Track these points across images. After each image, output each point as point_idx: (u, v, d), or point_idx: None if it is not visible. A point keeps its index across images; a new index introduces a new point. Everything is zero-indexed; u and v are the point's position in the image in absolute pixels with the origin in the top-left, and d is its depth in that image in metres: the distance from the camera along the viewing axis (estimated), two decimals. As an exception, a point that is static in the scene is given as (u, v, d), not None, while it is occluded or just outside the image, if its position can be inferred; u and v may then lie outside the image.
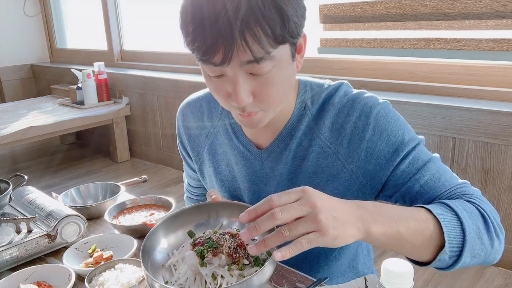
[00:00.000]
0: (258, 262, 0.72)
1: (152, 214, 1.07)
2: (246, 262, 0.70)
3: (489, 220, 0.71)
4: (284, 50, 0.70)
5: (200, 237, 0.73)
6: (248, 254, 0.71)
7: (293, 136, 0.85)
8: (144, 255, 0.72)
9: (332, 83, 0.87)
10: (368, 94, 0.84)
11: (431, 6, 2.01)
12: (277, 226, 0.61)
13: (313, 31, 2.40)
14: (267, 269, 0.64)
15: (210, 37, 0.65)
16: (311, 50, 2.46)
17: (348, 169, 0.82)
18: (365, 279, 0.79)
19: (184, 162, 1.09)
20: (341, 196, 0.78)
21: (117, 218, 1.06)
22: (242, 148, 0.91)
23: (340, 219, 0.60)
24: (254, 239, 0.72)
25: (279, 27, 0.66)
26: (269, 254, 0.73)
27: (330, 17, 2.35)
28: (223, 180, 0.96)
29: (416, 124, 2.01)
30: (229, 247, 0.69)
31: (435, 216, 0.68)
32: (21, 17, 4.21)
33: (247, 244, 0.72)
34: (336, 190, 0.84)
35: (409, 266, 0.58)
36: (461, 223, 0.68)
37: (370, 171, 0.81)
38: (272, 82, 0.71)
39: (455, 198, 0.76)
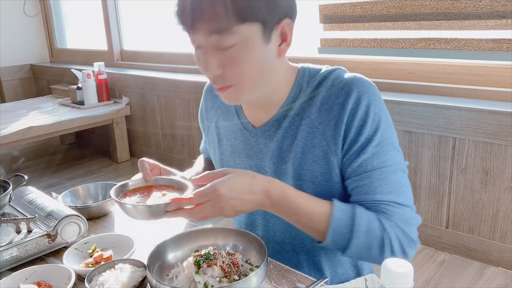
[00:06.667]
0: None
1: (164, 194, 0.90)
2: (236, 278, 0.76)
3: (387, 244, 0.80)
4: (253, 29, 0.76)
5: (204, 253, 0.80)
6: (239, 271, 0.78)
7: (286, 116, 0.90)
8: (151, 264, 0.79)
9: (330, 68, 0.90)
10: (360, 79, 0.85)
11: (431, 6, 2.01)
12: None
13: (313, 31, 2.41)
14: (253, 279, 0.71)
15: (182, 6, 0.76)
16: (311, 50, 2.46)
17: (332, 150, 0.85)
18: (365, 279, 0.79)
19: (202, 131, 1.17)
20: (327, 177, 0.87)
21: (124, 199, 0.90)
22: (240, 125, 0.97)
23: (242, 210, 0.78)
24: None
25: (241, 4, 0.73)
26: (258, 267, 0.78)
27: (330, 17, 2.34)
28: (224, 153, 1.03)
29: (416, 124, 2.02)
30: (223, 262, 0.76)
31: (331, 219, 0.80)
32: (21, 17, 4.21)
33: (241, 265, 0.80)
34: (324, 169, 0.86)
35: (409, 266, 0.58)
36: (351, 235, 0.80)
37: (343, 152, 0.85)
38: (237, 58, 0.77)
39: (374, 211, 0.83)
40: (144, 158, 0.94)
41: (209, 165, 1.16)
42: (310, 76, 0.89)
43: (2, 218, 0.96)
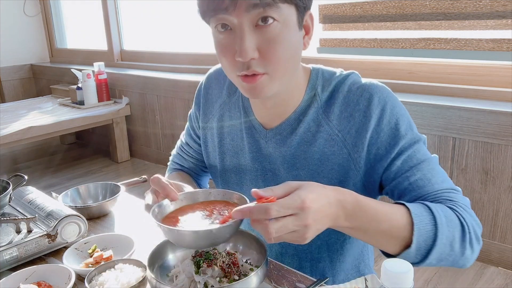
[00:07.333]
0: None
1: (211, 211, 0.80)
2: (236, 278, 0.76)
3: (467, 231, 0.73)
4: (290, 12, 0.74)
5: (202, 251, 0.79)
6: (239, 271, 0.77)
7: (301, 121, 0.87)
8: (151, 264, 0.77)
9: (344, 72, 0.88)
10: (377, 84, 0.84)
11: (431, 6, 2.01)
12: None
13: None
14: (253, 279, 0.70)
15: None
16: (310, 50, 2.46)
17: (354, 158, 0.83)
18: (365, 279, 0.79)
19: (189, 125, 1.10)
20: (344, 186, 0.82)
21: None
22: (249, 124, 0.93)
23: (320, 229, 0.66)
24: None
25: None
26: (257, 267, 0.77)
27: (330, 17, 2.34)
28: (225, 153, 0.98)
29: (416, 124, 2.00)
30: (223, 261, 0.76)
31: (411, 218, 0.70)
32: (21, 17, 4.21)
33: (242, 265, 0.78)
34: (342, 177, 0.85)
35: (409, 266, 0.58)
36: (436, 229, 0.71)
37: (370, 160, 0.82)
38: (277, 39, 0.73)
39: (439, 202, 0.77)
40: (158, 175, 0.80)
41: (187, 178, 1.09)
42: (324, 79, 0.87)
43: (2, 218, 0.96)
